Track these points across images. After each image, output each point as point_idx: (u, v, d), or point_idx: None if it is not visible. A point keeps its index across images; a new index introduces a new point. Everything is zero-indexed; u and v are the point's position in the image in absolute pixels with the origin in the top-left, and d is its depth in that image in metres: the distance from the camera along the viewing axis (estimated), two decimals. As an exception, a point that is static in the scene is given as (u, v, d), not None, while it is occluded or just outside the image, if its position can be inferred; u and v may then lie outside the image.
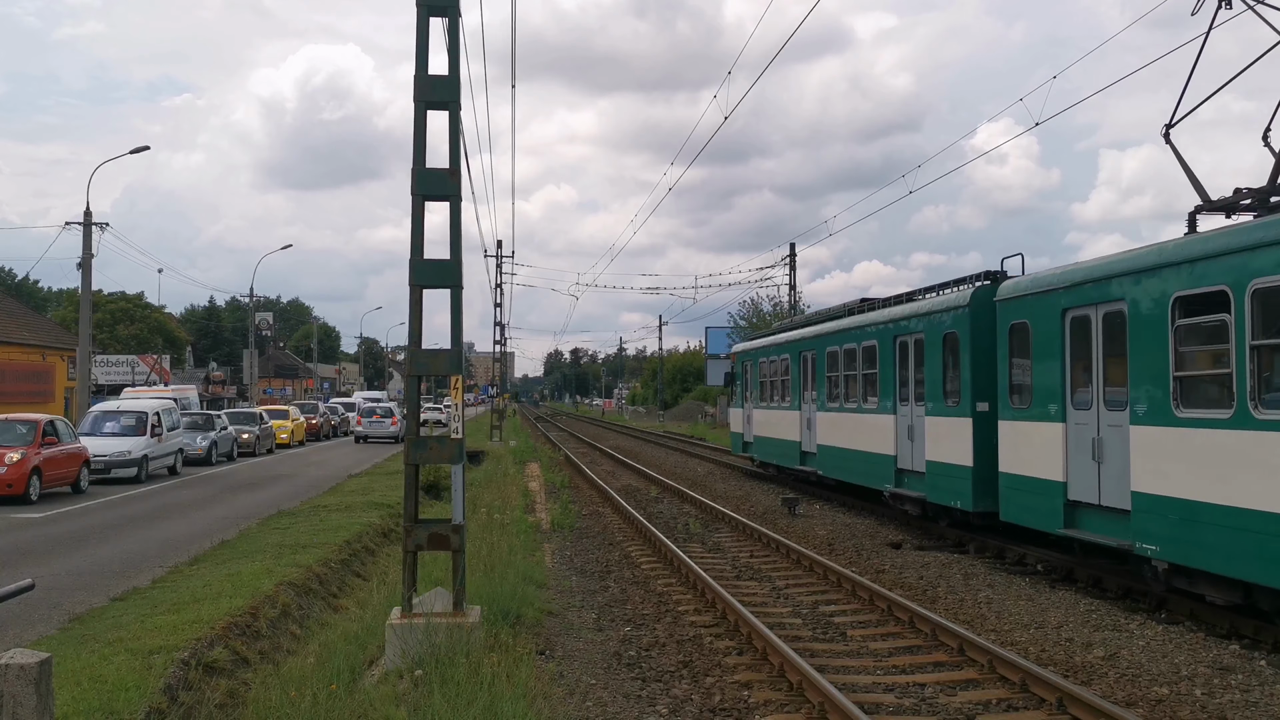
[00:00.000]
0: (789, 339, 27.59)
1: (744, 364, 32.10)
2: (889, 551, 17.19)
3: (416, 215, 10.00)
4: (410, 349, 10.03)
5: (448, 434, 10.06)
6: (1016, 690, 9.02)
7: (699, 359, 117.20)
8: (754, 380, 30.66)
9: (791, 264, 56.47)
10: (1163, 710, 8.55)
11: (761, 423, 29.75)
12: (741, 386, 32.29)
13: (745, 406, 31.79)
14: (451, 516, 9.83)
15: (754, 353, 30.95)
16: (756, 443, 30.58)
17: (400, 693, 8.13)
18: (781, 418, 27.76)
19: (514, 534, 16.25)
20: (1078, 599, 13.07)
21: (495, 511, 18.96)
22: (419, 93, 10.04)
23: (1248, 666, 9.82)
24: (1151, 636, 11.06)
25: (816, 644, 10.88)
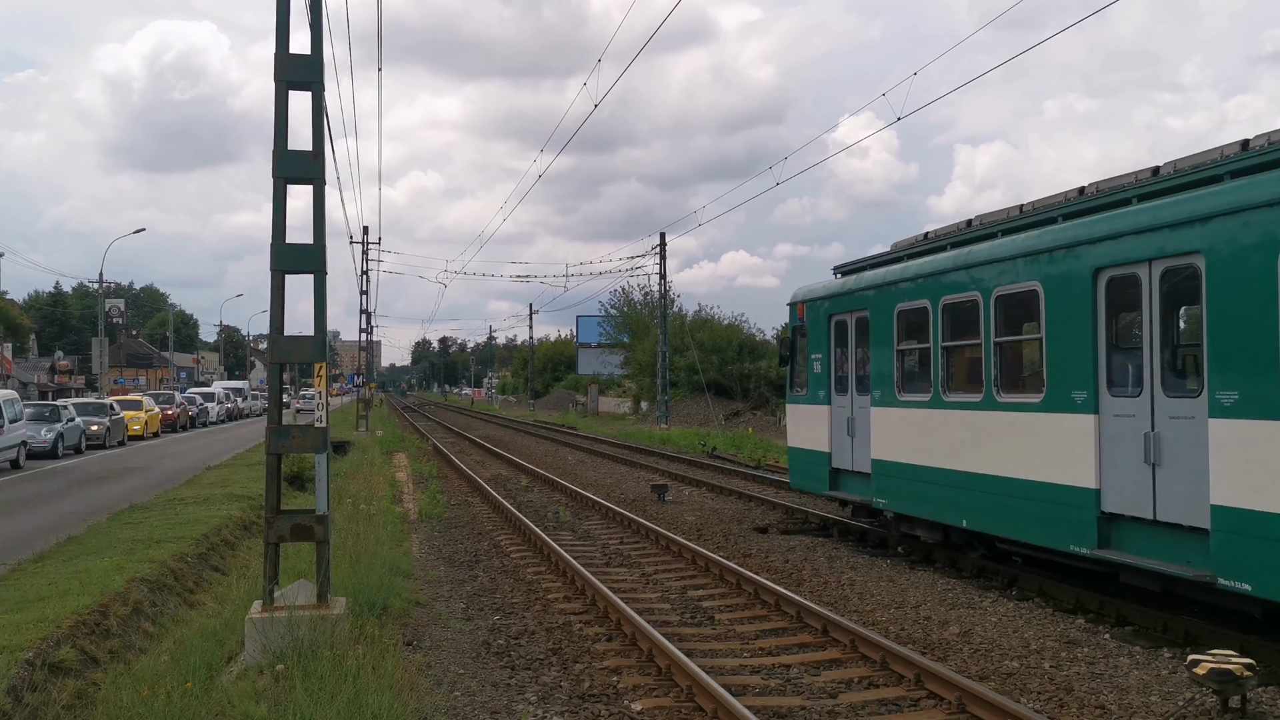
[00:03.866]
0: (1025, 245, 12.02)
1: (834, 318, 16.74)
2: (756, 536, 17.49)
3: (278, 198, 9.71)
4: (272, 336, 9.75)
5: (311, 423, 9.81)
6: (877, 668, 9.28)
7: (570, 348, 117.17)
8: (880, 348, 15.11)
9: (661, 253, 56.85)
10: (1013, 683, 8.91)
11: (906, 435, 14.35)
12: (828, 363, 16.91)
13: (837, 401, 16.71)
14: (315, 507, 9.60)
15: (873, 294, 15.29)
16: (884, 476, 14.91)
17: (260, 689, 7.90)
18: (997, 427, 12.41)
19: (381, 525, 15.96)
20: (935, 579, 13.52)
21: (361, 502, 18.59)
22: (280, 72, 9.74)
23: (1093, 640, 10.31)
24: (1003, 613, 11.51)
25: (685, 628, 11.00)
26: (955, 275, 13.23)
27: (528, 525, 17.49)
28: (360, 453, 34.34)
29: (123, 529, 16.58)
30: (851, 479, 16.23)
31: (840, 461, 16.51)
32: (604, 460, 34.91)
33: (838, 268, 17.65)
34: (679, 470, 30.10)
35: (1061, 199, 12.20)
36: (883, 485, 14.92)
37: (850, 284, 16.29)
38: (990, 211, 13.75)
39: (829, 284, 17.28)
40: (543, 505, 21.97)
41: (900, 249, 15.69)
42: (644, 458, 35.21)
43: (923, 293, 13.93)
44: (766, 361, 60.45)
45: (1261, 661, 8.76)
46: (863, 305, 15.61)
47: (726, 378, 61.85)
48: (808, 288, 18.16)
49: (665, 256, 56.93)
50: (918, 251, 14.96)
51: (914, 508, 14.27)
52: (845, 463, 16.30)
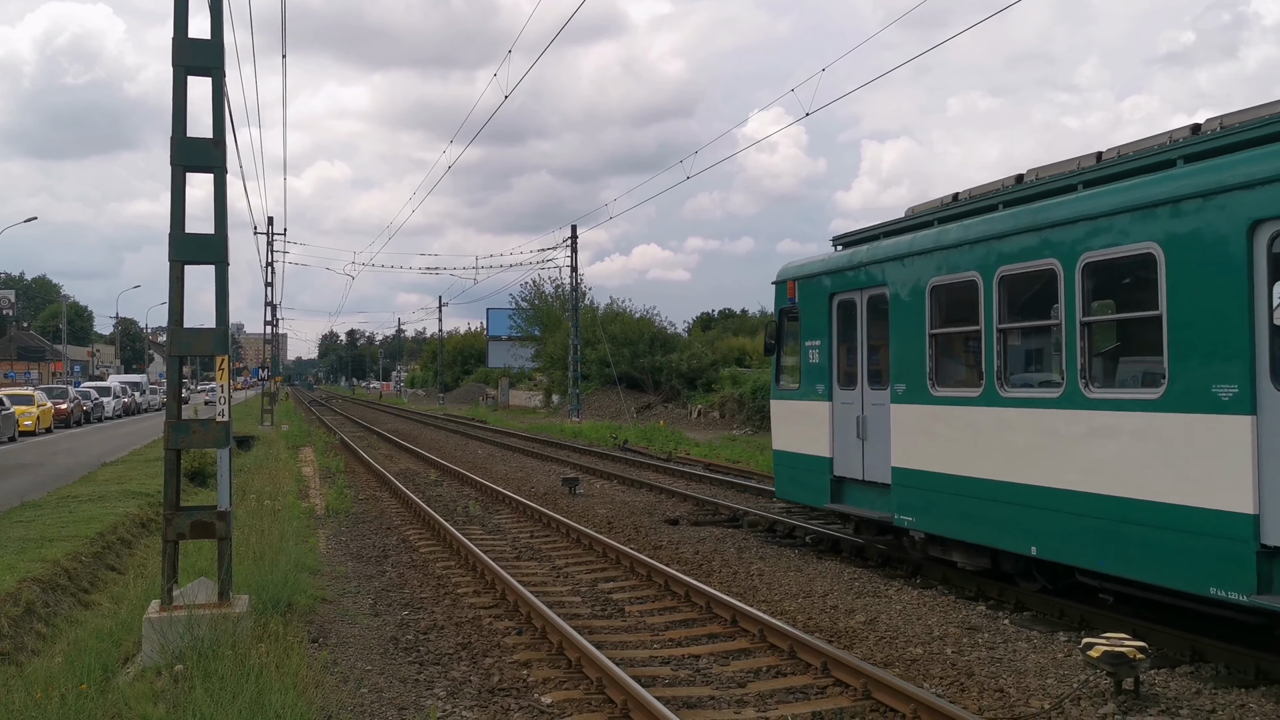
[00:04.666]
0: None
1: (837, 298, 14.20)
2: (666, 528, 17.57)
3: (177, 187, 9.46)
4: (171, 328, 9.49)
5: (213, 417, 9.58)
6: (785, 657, 9.40)
7: (480, 341, 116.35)
8: (905, 332, 12.54)
9: (573, 246, 56.74)
10: (917, 668, 9.10)
11: (943, 439, 11.88)
12: (829, 351, 14.31)
13: (841, 396, 14.15)
14: (217, 503, 9.37)
15: (895, 267, 12.79)
16: (910, 489, 12.43)
17: (159, 689, 7.70)
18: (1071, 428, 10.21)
19: (286, 520, 15.66)
20: (842, 568, 13.74)
21: (266, 498, 18.21)
22: (178, 57, 9.48)
23: (993, 625, 10.58)
24: (908, 601, 11.75)
25: (595, 621, 11.00)
26: (1020, 240, 10.53)
27: (437, 520, 17.32)
28: (265, 447, 33.65)
29: (13, 527, 15.99)
30: (861, 490, 13.58)
31: (846, 469, 13.89)
32: (514, 454, 34.75)
33: (839, 238, 14.90)
34: (590, 463, 30.10)
35: (1168, 139, 9.84)
36: (907, 499, 12.25)
37: (861, 256, 13.50)
38: (1050, 164, 11.29)
39: (829, 257, 14.58)
40: (452, 500, 21.78)
41: (920, 214, 13.01)
42: (555, 451, 35.13)
43: (969, 263, 11.24)
44: (678, 354, 60.80)
45: (1153, 644, 9.09)
46: (879, 281, 12.96)
47: (638, 370, 62.00)
48: (800, 263, 15.47)
49: (576, 249, 56.87)
50: (952, 215, 12.18)
51: (953, 528, 11.60)
52: (852, 470, 13.70)
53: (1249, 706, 7.85)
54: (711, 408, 52.79)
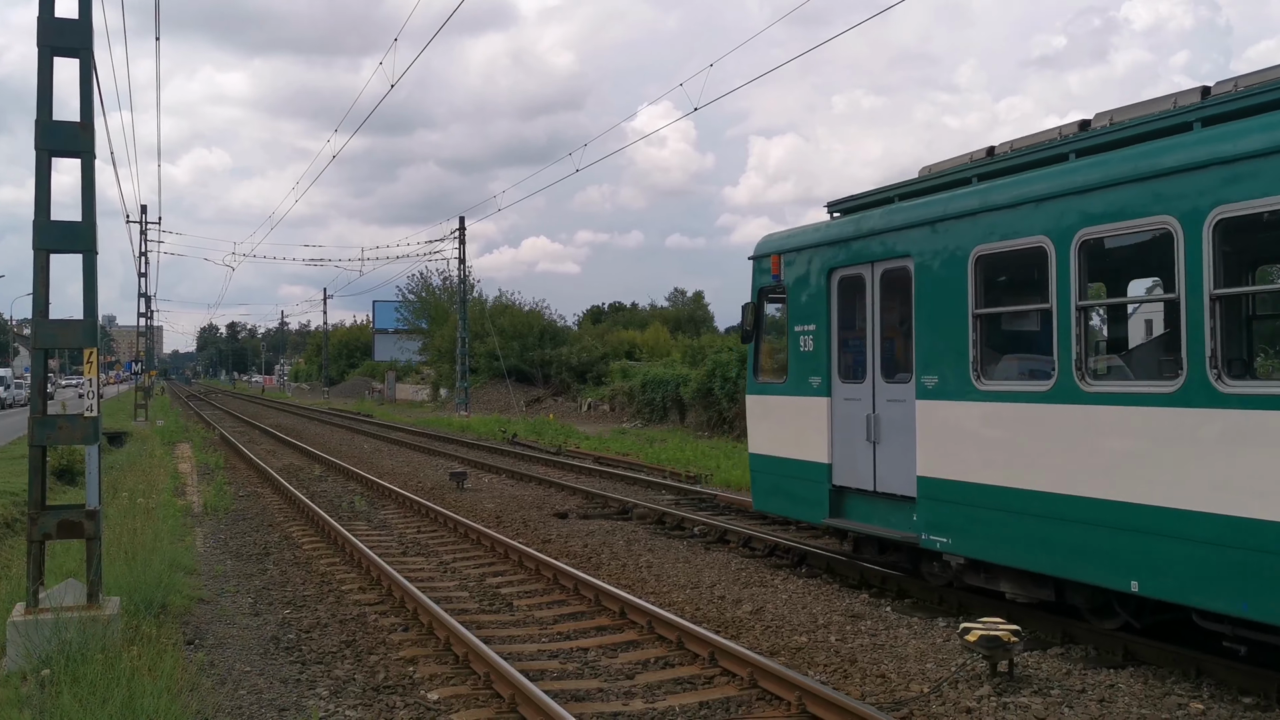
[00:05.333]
0: None
1: (839, 273, 12.08)
2: (555, 521, 17.52)
3: (42, 172, 9.06)
4: (36, 320, 9.07)
5: (81, 412, 9.19)
6: (673, 648, 9.45)
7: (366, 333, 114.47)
8: (937, 313, 10.43)
9: (461, 238, 56.15)
10: (802, 656, 9.25)
11: (995, 443, 9.81)
12: (827, 337, 12.22)
13: (844, 391, 12.03)
14: (86, 502, 9.01)
15: (924, 234, 10.67)
16: (944, 504, 10.30)
17: (24, 695, 7.36)
18: None
19: (160, 519, 15.13)
20: (730, 559, 13.88)
21: (139, 495, 17.58)
22: (44, 36, 9.08)
23: (875, 613, 10.81)
24: (793, 590, 11.93)
25: (483, 615, 10.91)
26: (1114, 194, 8.45)
27: (321, 516, 16.96)
28: (139, 444, 32.50)
29: None
30: (870, 504, 11.43)
31: (849, 477, 11.69)
32: (401, 448, 34.25)
33: (836, 204, 12.63)
34: (479, 457, 29.85)
35: None
36: (940, 517, 10.13)
37: (873, 222, 11.35)
38: (1125, 105, 9.46)
39: (827, 225, 12.37)
40: (337, 495, 21.36)
41: (946, 172, 10.97)
42: (443, 445, 34.74)
43: (1034, 225, 9.14)
44: (568, 348, 60.70)
45: (1026, 628, 9.40)
46: (898, 251, 10.84)
47: (528, 364, 61.75)
48: (787, 233, 13.25)
49: (465, 241, 56.30)
50: (996, 171, 10.21)
51: (1006, 553, 9.47)
52: (859, 479, 11.49)
53: (1118, 686, 8.17)
54: (602, 401, 52.86)
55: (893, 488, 11.01)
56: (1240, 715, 7.46)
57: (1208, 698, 7.87)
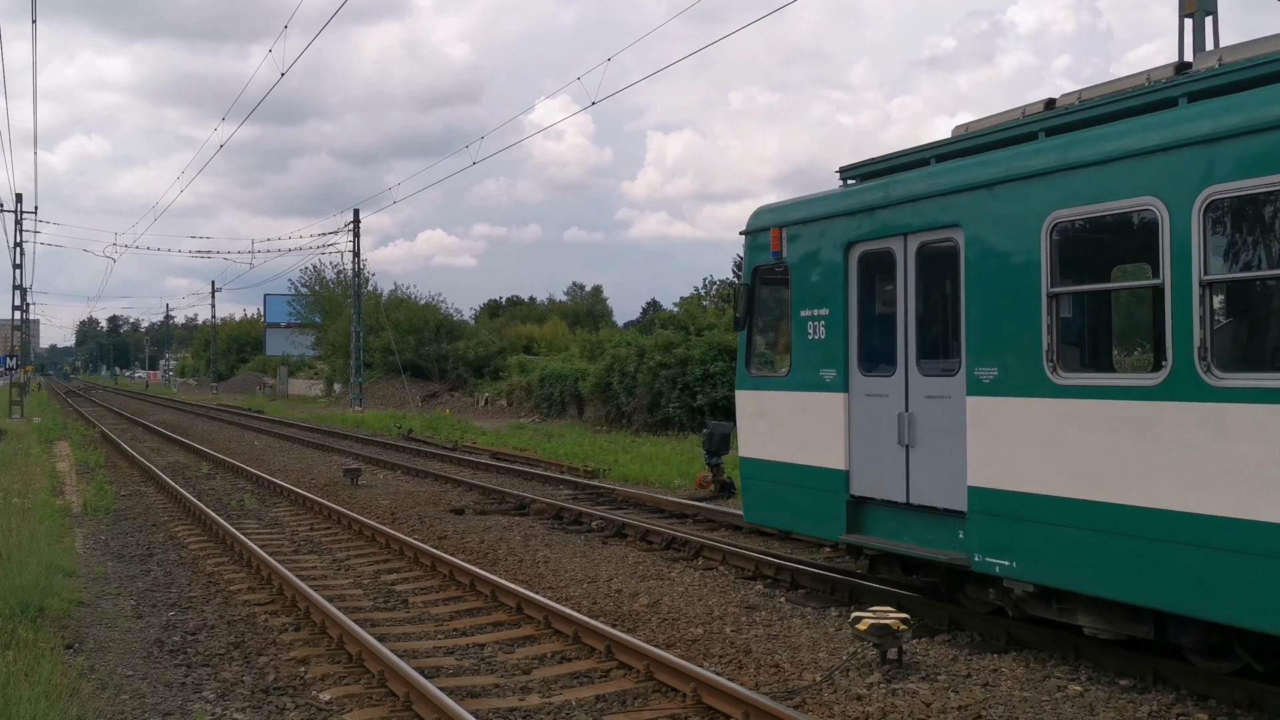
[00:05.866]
0: None
1: (859, 248, 10.37)
2: (452, 518, 17.36)
3: (-95, 154, 8.57)
4: (-101, 310, 8.63)
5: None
6: (570, 642, 9.45)
7: (257, 328, 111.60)
8: (997, 292, 8.76)
9: (355, 230, 55.24)
10: (698, 648, 9.33)
11: (1077, 448, 8.08)
12: (843, 322, 10.46)
13: (866, 385, 10.31)
14: (-45, 501, 8.61)
15: (978, 199, 8.99)
16: (1007, 520, 8.61)
17: (-113, 707, 7.01)
18: None
19: (37, 520, 14.56)
20: (627, 552, 13.93)
21: (14, 495, 16.88)
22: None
23: (770, 604, 10.95)
24: (690, 583, 12.02)
25: (378, 613, 10.75)
26: (1256, 142, 6.95)
27: (208, 514, 16.51)
28: (14, 441, 31.20)
29: None
30: (901, 518, 9.79)
31: (873, 486, 10.03)
32: (294, 445, 33.54)
33: (849, 169, 10.97)
34: (373, 453, 29.41)
35: None
36: (1001, 536, 8.54)
37: (911, 186, 9.67)
38: (1242, 42, 7.98)
39: (843, 195, 10.67)
40: (226, 493, 20.81)
41: (993, 130, 9.41)
42: (337, 441, 34.13)
43: (1138, 184, 7.63)
44: (465, 342, 60.17)
45: (915, 616, 9.63)
46: (942, 221, 9.25)
47: (424, 359, 61.03)
48: (786, 204, 11.56)
49: (359, 234, 55.43)
50: (1067, 124, 8.66)
51: (1093, 581, 7.91)
52: (886, 489, 9.84)
53: (1001, 670, 8.43)
54: (499, 396, 52.55)
55: (932, 499, 9.33)
56: (1117, 696, 7.76)
57: (1085, 679, 8.17)
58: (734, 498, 19.39)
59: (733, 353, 35.91)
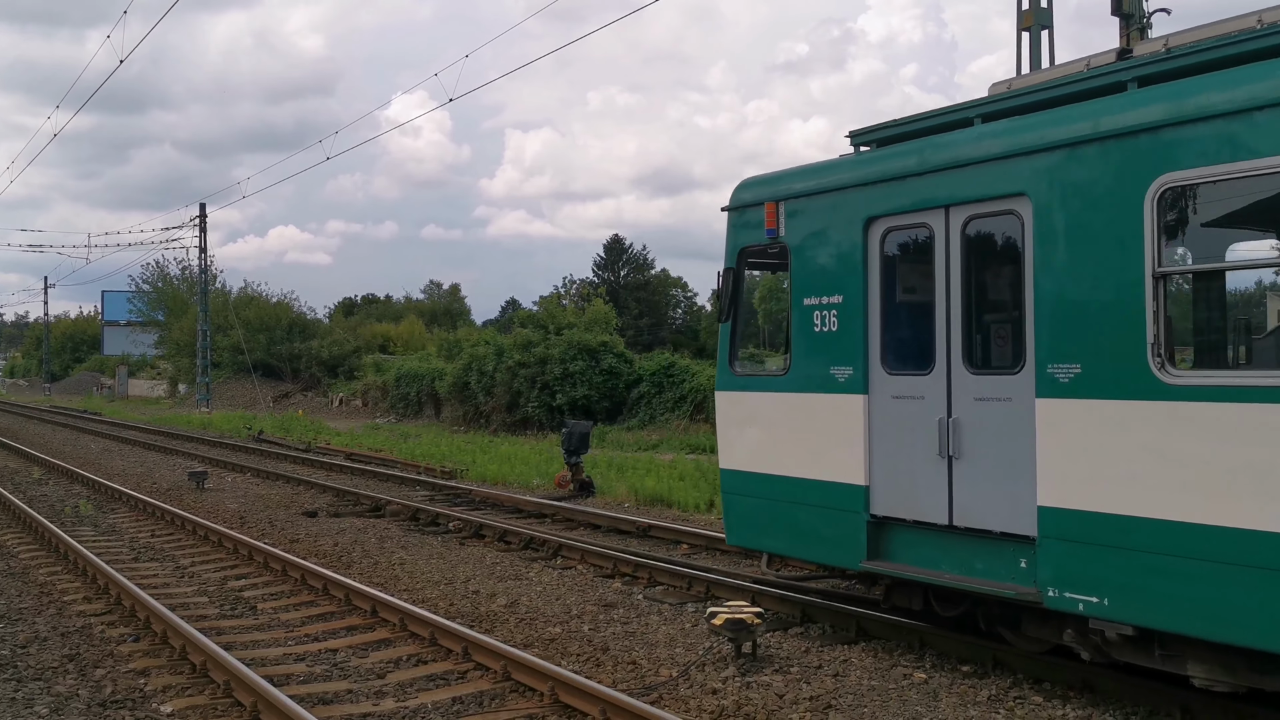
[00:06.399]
0: None
1: (884, 224, 8.76)
2: (304, 520, 16.91)
3: None
4: None
5: None
6: (426, 645, 9.31)
7: (95, 326, 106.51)
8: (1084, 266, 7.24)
9: (201, 225, 53.30)
10: (555, 647, 9.31)
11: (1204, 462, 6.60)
12: (861, 312, 8.86)
13: (891, 386, 8.74)
14: None
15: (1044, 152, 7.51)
16: (1095, 549, 7.10)
17: None
18: None
19: None
20: (485, 553, 13.81)
21: None
22: None
23: (628, 601, 11.02)
24: (548, 582, 11.99)
25: (224, 621, 10.39)
26: None
27: (40, 521, 15.67)
28: None
29: None
30: (942, 542, 8.24)
31: (901, 505, 8.53)
32: (134, 448, 32.14)
33: (862, 133, 9.46)
34: (221, 456, 28.42)
35: None
36: (1087, 567, 7.09)
37: (956, 150, 8.17)
38: None
39: (860, 162, 9.15)
40: (59, 499, 19.80)
41: (1053, 83, 8.15)
42: (181, 444, 32.85)
43: None
44: (319, 341, 58.73)
45: (769, 610, 9.83)
46: (1003, 190, 7.73)
47: (275, 358, 59.29)
48: (782, 175, 9.87)
49: (206, 229, 53.53)
50: (1154, 74, 7.41)
51: (1225, 625, 6.46)
52: (921, 509, 8.34)
53: (851, 660, 8.67)
54: (354, 396, 51.50)
55: (984, 522, 7.85)
56: (959, 682, 8.07)
57: (930, 667, 8.47)
58: (593, 497, 19.47)
59: (592, 352, 36.17)
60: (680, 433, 31.88)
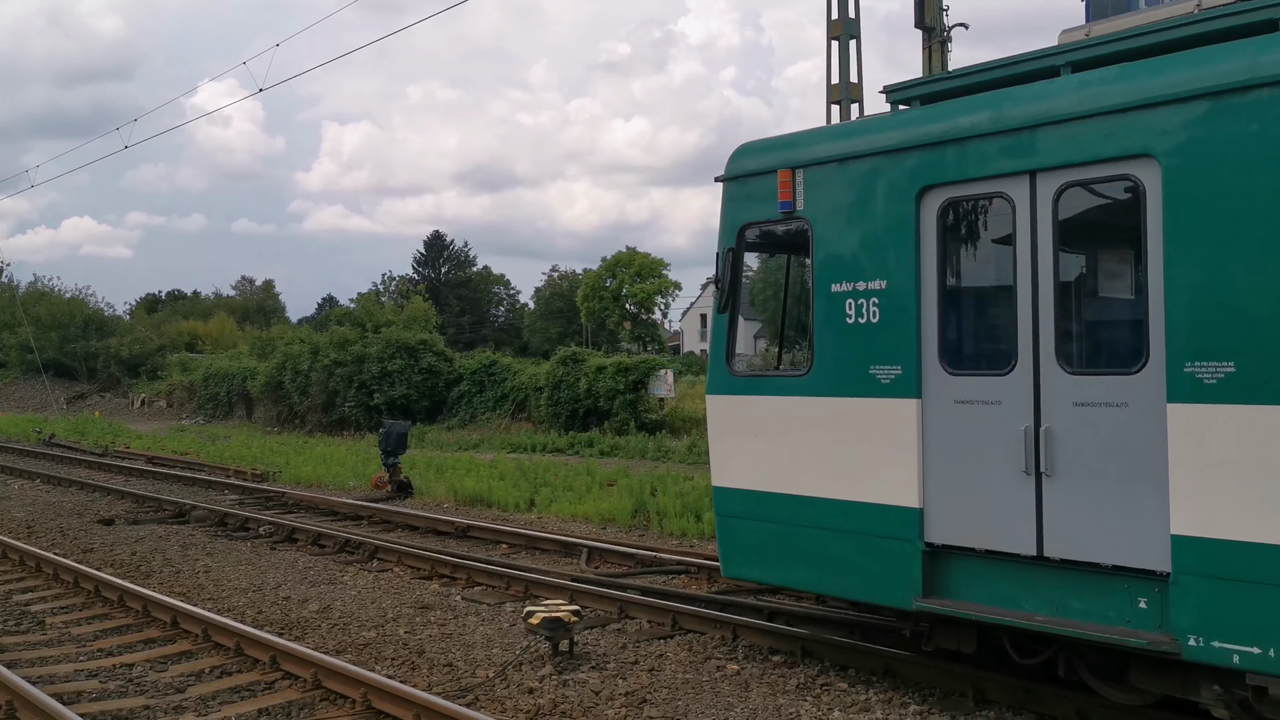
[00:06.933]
0: None
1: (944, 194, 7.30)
2: (100, 529, 16.00)
3: None
4: None
5: None
6: (231, 655, 8.94)
7: None
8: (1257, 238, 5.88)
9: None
10: (369, 652, 9.10)
11: None
12: (914, 300, 7.43)
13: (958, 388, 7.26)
14: None
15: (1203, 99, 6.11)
16: (1238, 582, 5.88)
17: None
18: None
19: None
20: (297, 558, 13.39)
21: None
22: None
23: (445, 603, 10.87)
24: (363, 586, 11.72)
25: (7, 638, 9.72)
26: None
27: None
28: None
29: None
30: (1026, 577, 6.87)
31: (968, 532, 7.13)
32: (-91, 453, 29.77)
33: (896, 89, 8.02)
34: (7, 462, 26.64)
35: None
36: (1246, 610, 5.86)
37: (1054, 103, 6.78)
38: None
39: (905, 119, 7.70)
40: None
41: (1158, 26, 6.82)
42: (-37, 449, 30.62)
43: None
44: (118, 339, 55.79)
45: (587, 608, 9.88)
46: (1119, 149, 6.41)
47: (69, 357, 56.01)
48: (799, 137, 8.37)
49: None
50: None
51: None
52: (997, 537, 6.94)
53: (666, 655, 8.79)
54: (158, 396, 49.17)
55: (1088, 552, 6.53)
56: (770, 672, 8.29)
57: (742, 658, 8.68)
58: (411, 497, 19.16)
59: (411, 351, 35.54)
60: (501, 432, 31.72)
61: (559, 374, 31.15)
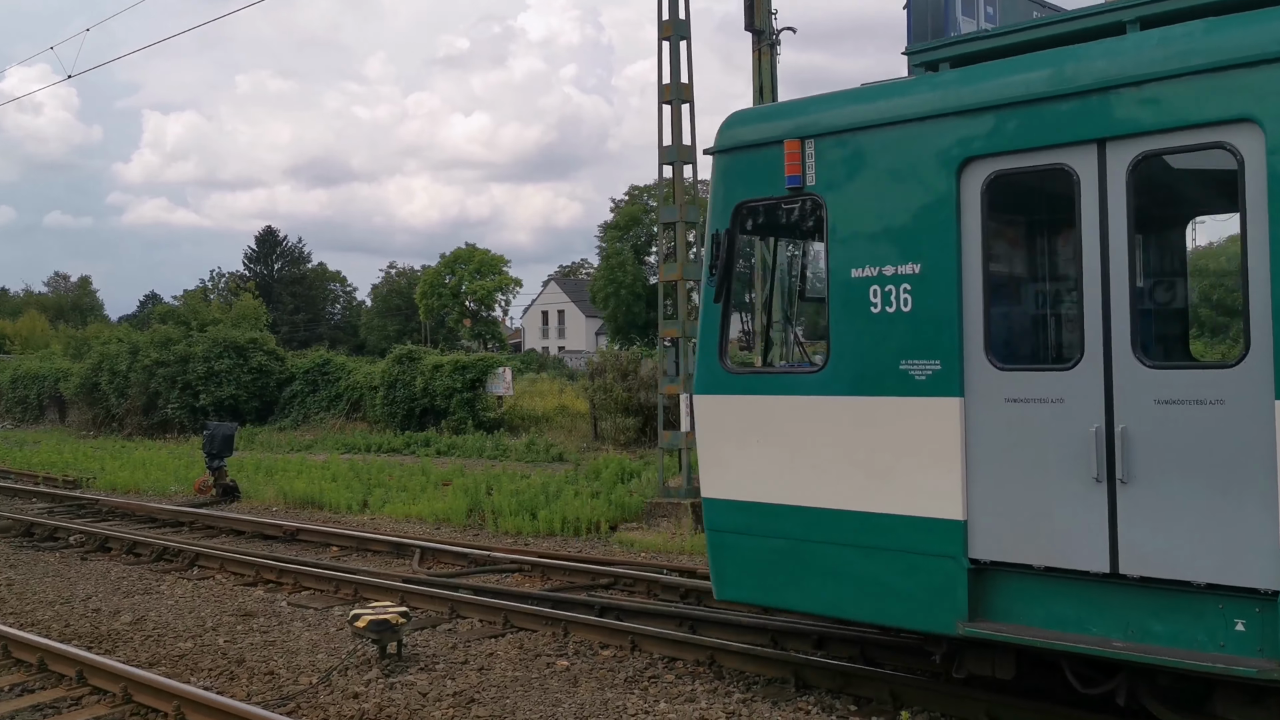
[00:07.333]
0: None
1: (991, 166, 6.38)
2: (-110, 542, 14.91)
3: None
4: None
5: None
6: (34, 671, 8.46)
7: None
8: None
9: None
10: (185, 664, 8.74)
11: None
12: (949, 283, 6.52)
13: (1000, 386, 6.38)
14: None
15: None
16: None
17: None
18: None
19: None
20: (110, 567, 12.77)
21: None
22: None
23: (269, 609, 10.54)
24: (181, 595, 11.26)
25: None
26: None
27: None
28: None
29: None
30: (1096, 598, 6.09)
31: (1023, 548, 6.30)
32: None
33: (918, 51, 7.17)
34: None
35: None
36: None
37: (1131, 60, 5.94)
38: None
39: (942, 81, 6.71)
40: None
41: None
42: None
43: None
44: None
45: (417, 609, 9.74)
46: (1212, 114, 5.64)
47: None
48: (810, 101, 7.39)
49: None
50: None
51: None
52: (1065, 553, 6.12)
53: (496, 654, 8.75)
54: (-40, 400, 46.08)
55: (1176, 569, 5.79)
56: (599, 667, 8.34)
57: (572, 654, 8.70)
58: (238, 501, 18.52)
59: (240, 350, 34.29)
60: (335, 432, 30.96)
61: (395, 373, 30.59)
